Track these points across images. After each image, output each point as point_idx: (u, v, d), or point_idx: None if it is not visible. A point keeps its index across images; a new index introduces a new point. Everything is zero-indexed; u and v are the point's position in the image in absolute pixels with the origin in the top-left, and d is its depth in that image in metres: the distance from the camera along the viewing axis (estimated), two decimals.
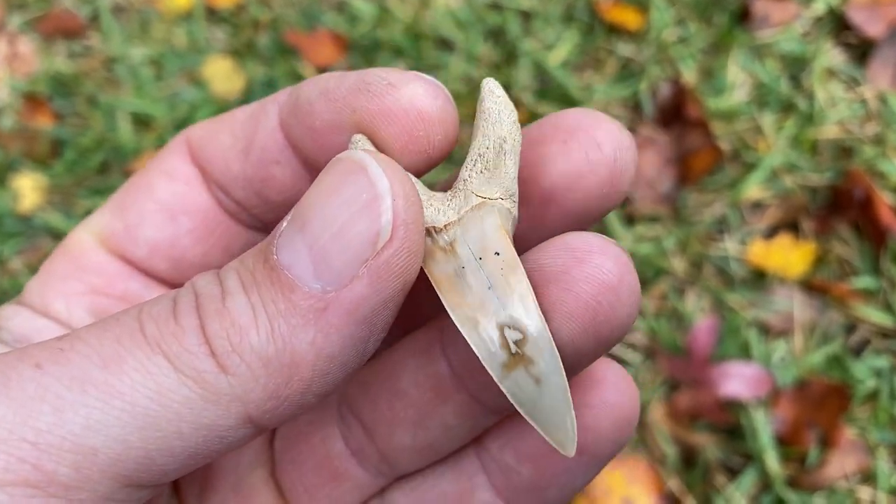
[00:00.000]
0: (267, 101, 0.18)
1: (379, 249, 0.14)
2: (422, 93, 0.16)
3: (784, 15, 0.93)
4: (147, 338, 0.14)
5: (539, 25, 0.94)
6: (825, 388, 0.71)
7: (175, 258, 0.19)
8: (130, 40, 0.97)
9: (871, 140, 0.85)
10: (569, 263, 0.15)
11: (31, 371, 0.13)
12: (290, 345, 0.14)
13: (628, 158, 0.16)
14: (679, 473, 0.71)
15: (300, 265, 0.14)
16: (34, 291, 0.19)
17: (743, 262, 0.80)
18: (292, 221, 0.14)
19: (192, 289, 0.15)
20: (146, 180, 0.19)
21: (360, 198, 0.14)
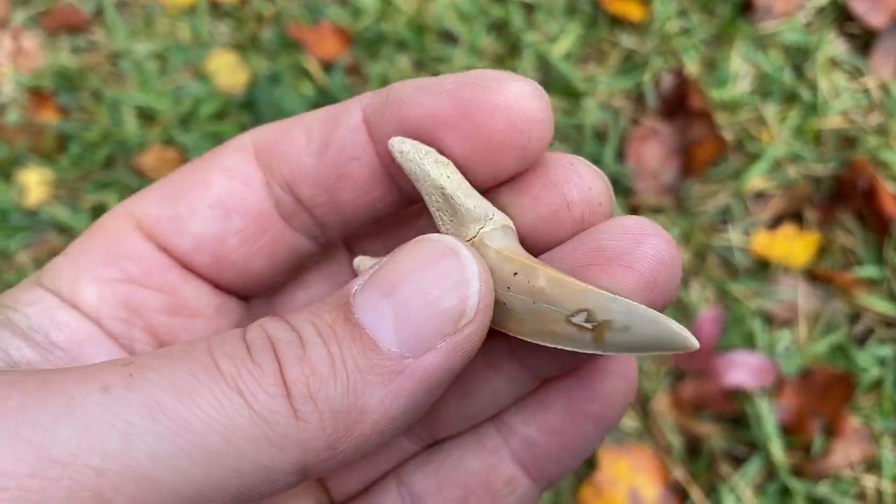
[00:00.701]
0: (349, 102, 0.18)
1: (460, 327, 0.15)
2: (528, 91, 0.16)
3: (786, 5, 0.93)
4: (223, 373, 0.14)
5: (542, 17, 0.94)
6: (829, 377, 0.72)
7: (218, 255, 0.19)
8: (134, 35, 0.97)
9: (875, 130, 0.85)
10: (629, 244, 0.17)
11: (98, 395, 0.13)
12: (362, 400, 0.14)
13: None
14: (684, 463, 0.71)
15: (383, 328, 0.15)
16: (63, 273, 0.18)
17: (747, 252, 0.80)
18: (376, 285, 0.15)
19: (265, 332, 0.15)
20: (202, 174, 0.19)
21: (452, 277, 0.15)
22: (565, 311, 0.16)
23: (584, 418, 0.19)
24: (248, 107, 0.91)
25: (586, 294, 0.16)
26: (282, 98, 0.90)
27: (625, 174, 0.84)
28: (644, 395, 0.74)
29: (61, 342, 0.17)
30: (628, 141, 0.86)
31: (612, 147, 0.86)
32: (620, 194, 0.84)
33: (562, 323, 0.16)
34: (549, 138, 0.17)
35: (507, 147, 0.17)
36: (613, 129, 0.87)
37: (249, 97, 0.91)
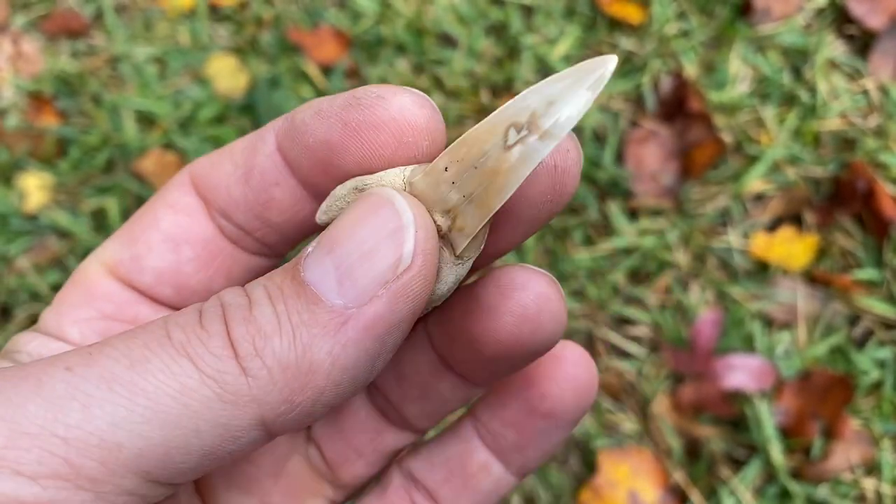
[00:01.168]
0: (264, 129, 0.20)
1: (399, 273, 0.15)
2: (409, 103, 0.17)
3: (785, 7, 0.93)
4: (173, 342, 0.15)
5: (541, 20, 0.95)
6: (829, 379, 0.72)
7: (179, 285, 0.20)
8: (134, 39, 0.97)
9: (874, 132, 0.85)
10: (497, 298, 0.18)
11: (62, 373, 0.14)
12: (310, 353, 0.15)
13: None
14: (684, 465, 0.71)
15: (326, 283, 0.15)
16: (49, 320, 0.20)
17: (746, 254, 0.80)
18: (321, 244, 0.16)
19: (219, 301, 0.16)
20: (152, 213, 0.20)
21: (387, 226, 0.16)
22: (499, 135, 0.16)
23: (538, 416, 0.21)
24: (247, 110, 0.91)
25: (507, 108, 0.16)
26: (281, 102, 0.91)
27: (624, 176, 0.84)
28: (643, 397, 0.74)
29: None
30: (627, 143, 0.86)
31: (612, 149, 0.86)
32: (620, 197, 0.84)
33: (500, 149, 0.16)
34: (442, 141, 0.18)
35: (400, 157, 0.18)
36: (612, 132, 0.87)
37: (249, 101, 0.91)
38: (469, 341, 0.19)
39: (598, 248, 0.81)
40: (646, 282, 0.80)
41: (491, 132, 0.16)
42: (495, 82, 0.91)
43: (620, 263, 0.80)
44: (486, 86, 0.91)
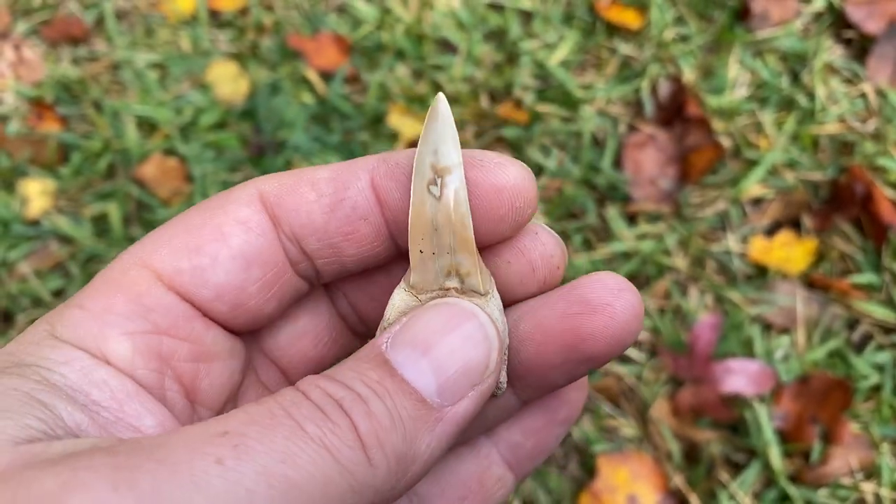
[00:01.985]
0: (354, 165, 0.21)
1: (485, 377, 0.18)
2: (524, 174, 0.20)
3: (783, 12, 0.93)
4: (311, 436, 0.16)
5: (540, 25, 0.95)
6: (828, 383, 0.72)
7: (237, 303, 0.20)
8: (135, 45, 0.98)
9: (872, 136, 0.86)
10: (609, 298, 0.20)
11: (216, 468, 0.15)
12: (414, 446, 0.17)
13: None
14: (683, 470, 0.71)
15: (425, 383, 0.17)
16: (86, 328, 0.18)
17: (745, 258, 0.81)
18: (410, 344, 0.18)
19: (324, 392, 0.17)
20: (217, 225, 0.20)
21: (475, 336, 0.18)
22: (427, 199, 0.20)
23: (557, 422, 0.23)
24: (248, 116, 0.92)
25: (416, 180, 0.20)
26: (282, 107, 0.91)
27: (622, 181, 0.85)
28: (643, 402, 0.74)
29: (103, 401, 0.18)
30: (626, 148, 0.87)
31: (610, 154, 0.86)
32: (618, 201, 0.84)
33: (436, 203, 0.20)
34: (535, 209, 0.21)
35: (506, 220, 0.20)
36: (611, 136, 0.88)
37: (250, 106, 0.92)
38: (578, 338, 0.20)
39: (596, 252, 0.81)
40: (645, 286, 0.80)
41: (421, 202, 0.19)
42: (495, 87, 0.91)
43: (619, 268, 0.80)
44: (486, 91, 0.91)
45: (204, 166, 0.88)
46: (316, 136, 0.90)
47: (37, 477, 0.14)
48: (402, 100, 0.90)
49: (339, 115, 0.91)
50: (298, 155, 0.88)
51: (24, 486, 0.14)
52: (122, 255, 0.20)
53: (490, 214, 0.20)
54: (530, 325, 0.21)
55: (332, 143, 0.89)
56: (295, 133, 0.89)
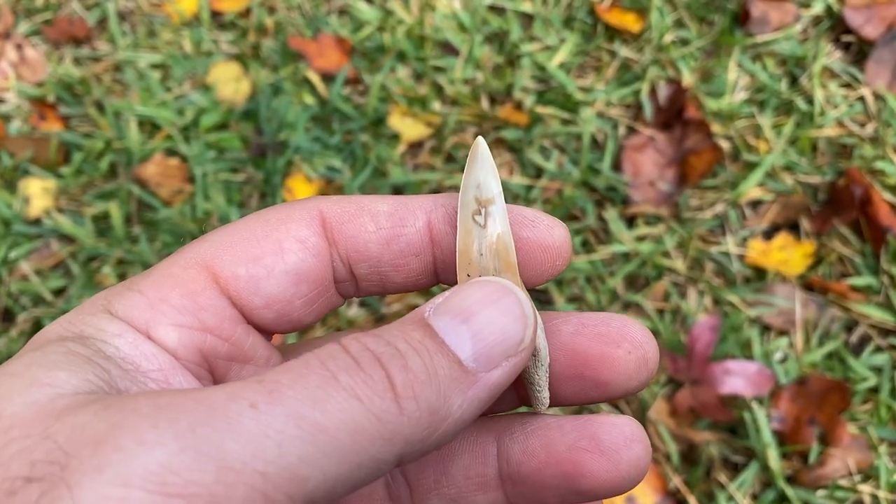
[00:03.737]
0: (413, 202, 0.22)
1: (519, 350, 0.19)
2: (566, 235, 0.22)
3: (782, 16, 0.93)
4: (342, 384, 0.17)
5: (540, 28, 0.95)
6: (826, 385, 0.72)
7: (282, 314, 0.22)
8: (137, 45, 0.98)
9: (870, 139, 0.86)
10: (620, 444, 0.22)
11: (249, 410, 0.16)
12: (448, 402, 0.18)
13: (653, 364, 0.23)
14: (682, 471, 0.71)
15: (463, 348, 0.19)
16: (139, 310, 0.20)
17: (743, 261, 0.81)
18: (452, 312, 0.19)
19: (366, 347, 0.18)
20: (277, 240, 0.21)
21: (514, 311, 0.19)
22: (473, 228, 0.22)
23: None
24: (249, 117, 0.92)
25: (463, 210, 0.22)
26: (283, 108, 0.91)
27: (622, 183, 0.85)
28: (641, 403, 0.75)
29: (150, 372, 0.20)
30: (625, 150, 0.87)
31: (610, 156, 0.87)
32: (618, 203, 0.85)
33: (482, 230, 0.22)
34: (567, 264, 0.23)
35: (545, 274, 0.22)
36: (611, 139, 0.88)
37: (251, 107, 0.92)
38: (577, 474, 0.22)
39: (596, 253, 0.82)
40: (644, 288, 0.80)
41: (468, 231, 0.22)
42: (495, 89, 0.91)
43: (619, 269, 0.80)
44: (486, 93, 0.92)
45: (205, 167, 0.88)
46: (317, 137, 0.90)
47: (89, 417, 0.16)
48: (403, 101, 0.91)
49: (340, 117, 0.91)
50: (299, 156, 0.89)
51: (79, 424, 0.15)
52: (185, 250, 0.21)
53: (535, 268, 0.22)
54: (539, 442, 0.22)
55: (332, 145, 0.89)
56: (296, 134, 0.89)
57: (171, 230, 0.85)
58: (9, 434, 0.16)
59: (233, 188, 0.88)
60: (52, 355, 0.18)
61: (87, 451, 0.15)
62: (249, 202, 0.88)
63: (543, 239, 0.22)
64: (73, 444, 0.15)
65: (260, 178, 0.88)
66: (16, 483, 0.15)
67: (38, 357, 0.18)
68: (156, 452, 0.15)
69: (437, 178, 0.87)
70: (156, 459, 0.15)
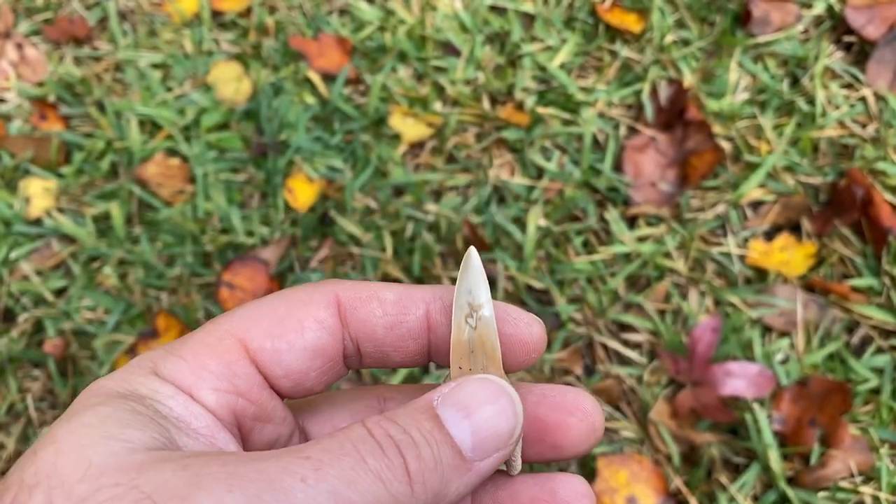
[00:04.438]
0: (414, 296, 0.26)
1: (508, 444, 0.23)
2: (542, 332, 0.26)
3: (784, 17, 0.93)
4: (370, 468, 0.20)
5: (541, 28, 0.95)
6: (827, 386, 0.72)
7: (298, 382, 0.25)
8: (138, 45, 0.98)
9: (872, 140, 0.86)
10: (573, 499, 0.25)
11: (300, 484, 0.19)
12: (447, 487, 0.22)
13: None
14: (683, 472, 0.71)
15: (464, 440, 0.22)
16: (183, 375, 0.24)
17: (745, 261, 0.81)
18: (456, 406, 0.23)
19: (385, 432, 0.21)
20: (298, 319, 0.25)
21: (507, 411, 0.23)
22: (465, 328, 0.26)
23: None
24: (250, 117, 0.92)
25: (456, 315, 0.26)
26: (284, 108, 0.91)
27: (623, 184, 0.85)
28: (643, 404, 0.75)
29: (200, 429, 0.23)
30: (626, 150, 0.87)
31: (611, 156, 0.87)
32: (619, 204, 0.85)
33: (473, 331, 0.25)
34: (541, 355, 0.27)
35: (524, 363, 0.26)
36: (612, 139, 0.88)
37: (252, 107, 0.92)
38: None
39: (597, 254, 0.81)
40: (645, 288, 0.80)
41: (461, 331, 0.25)
42: (496, 90, 0.91)
43: (620, 270, 0.80)
44: (487, 93, 0.92)
45: (206, 167, 0.88)
46: (318, 137, 0.90)
47: (170, 475, 0.19)
48: (404, 101, 0.91)
49: (341, 117, 0.91)
50: (300, 156, 0.88)
51: (162, 480, 0.18)
52: (219, 322, 0.25)
53: (514, 358, 0.26)
54: (506, 494, 0.26)
55: (333, 145, 0.89)
56: (297, 134, 0.89)
57: (171, 230, 0.85)
58: (99, 481, 0.19)
59: (234, 188, 0.88)
60: (121, 412, 0.21)
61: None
62: (250, 202, 0.88)
63: (523, 335, 0.26)
64: (161, 496, 0.18)
65: (261, 178, 0.88)
66: None
67: (108, 412, 0.21)
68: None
69: (437, 178, 0.86)
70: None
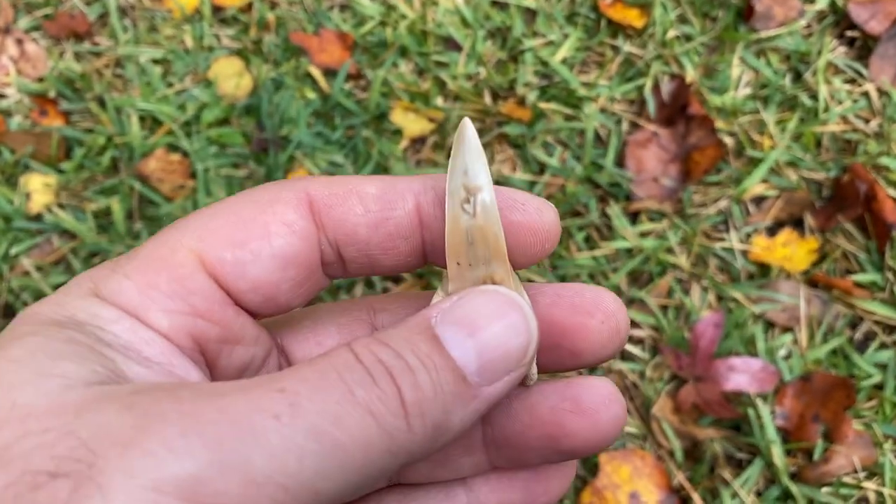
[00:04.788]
0: (401, 184, 0.22)
1: (521, 365, 0.20)
2: (556, 219, 0.22)
3: (786, 11, 0.93)
4: (358, 400, 0.17)
5: (543, 23, 0.95)
6: (830, 382, 0.72)
7: (269, 297, 0.21)
8: (138, 40, 0.98)
9: (875, 135, 0.86)
10: (600, 406, 0.22)
11: (273, 422, 0.16)
12: (450, 418, 0.18)
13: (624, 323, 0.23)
14: (685, 468, 0.71)
15: (468, 363, 0.19)
16: (129, 295, 0.20)
17: (747, 257, 0.81)
18: (459, 324, 0.19)
19: (376, 358, 0.18)
20: (262, 223, 0.21)
21: (519, 327, 0.20)
22: (461, 215, 0.22)
23: (535, 502, 0.24)
24: (251, 112, 0.92)
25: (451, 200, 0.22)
26: (285, 104, 0.91)
27: (625, 179, 0.85)
28: (645, 399, 0.74)
29: (154, 357, 0.20)
30: (628, 146, 0.87)
31: (613, 152, 0.86)
32: (621, 199, 0.84)
33: (471, 219, 0.21)
34: (555, 247, 0.23)
35: (534, 256, 0.22)
36: (614, 134, 0.88)
37: (253, 103, 0.92)
38: (560, 434, 0.22)
39: (599, 249, 0.81)
40: (647, 284, 0.80)
41: (456, 219, 0.21)
42: (498, 85, 0.91)
43: (622, 265, 0.80)
44: (489, 88, 0.91)
45: (207, 162, 0.88)
46: (319, 132, 0.89)
47: (112, 416, 0.16)
48: (405, 96, 0.91)
49: (343, 112, 0.91)
50: (301, 151, 0.88)
51: (103, 423, 0.15)
52: (171, 232, 0.21)
53: (524, 251, 0.22)
54: (521, 406, 0.22)
55: (334, 140, 0.89)
56: (298, 129, 0.89)
57: None
58: (25, 425, 0.15)
59: (234, 184, 0.88)
60: (54, 342, 0.18)
61: (115, 452, 0.15)
62: None
63: (533, 222, 0.22)
64: (99, 443, 0.15)
65: (262, 173, 0.88)
66: (39, 477, 0.14)
67: (40, 343, 0.17)
68: (186, 462, 0.15)
69: (439, 173, 0.86)
70: (186, 469, 0.15)
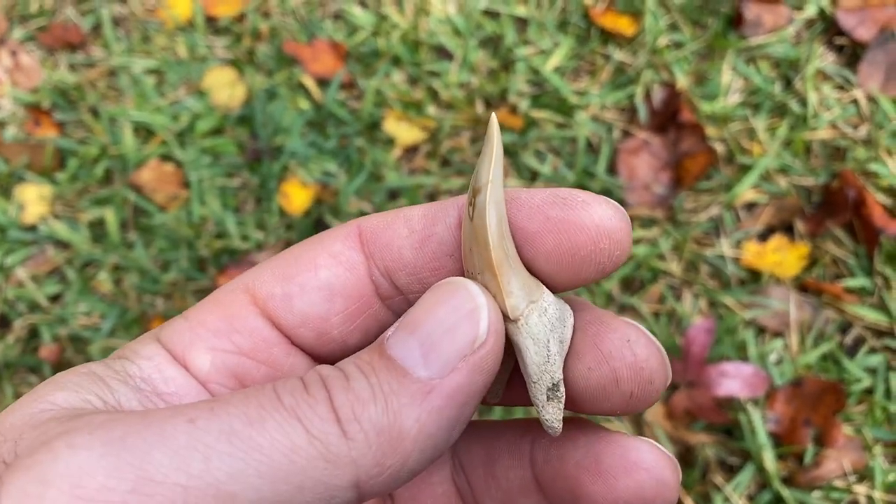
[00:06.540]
0: (446, 203, 0.21)
1: (476, 348, 0.18)
2: (611, 213, 0.19)
3: (776, 19, 0.94)
4: (284, 405, 0.16)
5: (535, 32, 0.96)
6: (821, 386, 0.72)
7: (320, 331, 0.21)
8: (132, 51, 0.98)
9: (863, 141, 0.86)
10: (619, 468, 0.20)
11: (185, 425, 0.16)
12: (400, 420, 0.17)
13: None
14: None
15: (411, 358, 0.17)
16: (181, 335, 0.20)
17: (738, 263, 0.81)
18: (403, 326, 0.18)
19: (317, 373, 0.18)
20: (311, 257, 0.21)
21: (464, 307, 0.18)
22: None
23: None
24: (245, 122, 0.92)
25: None
26: (278, 113, 0.91)
27: (617, 186, 0.85)
28: None
29: (166, 394, 0.19)
30: (620, 153, 0.87)
31: (605, 159, 0.87)
32: None
33: (468, 221, 0.19)
34: (628, 254, 0.19)
35: (588, 262, 0.19)
36: (605, 142, 0.88)
37: (246, 113, 0.92)
38: (579, 493, 0.20)
39: None
40: (639, 290, 0.81)
41: (462, 225, 0.19)
42: (490, 93, 0.92)
43: (614, 272, 0.81)
44: (481, 97, 0.92)
45: (200, 172, 0.89)
46: (312, 141, 0.90)
47: (52, 426, 0.16)
48: (397, 106, 0.91)
49: (336, 121, 0.91)
50: (295, 161, 0.89)
51: (39, 434, 0.16)
52: (240, 276, 0.21)
53: (570, 255, 0.19)
54: (557, 453, 0.21)
55: (328, 149, 0.89)
56: (291, 139, 0.89)
57: (166, 236, 0.85)
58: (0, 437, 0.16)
59: (228, 193, 0.88)
60: (69, 375, 0.18)
61: (28, 453, 0.15)
62: (245, 207, 0.88)
63: (576, 218, 0.18)
64: (26, 446, 0.16)
65: (255, 183, 0.89)
66: None
67: (58, 377, 0.18)
68: (79, 456, 0.15)
69: (432, 182, 0.87)
70: (76, 462, 0.15)
